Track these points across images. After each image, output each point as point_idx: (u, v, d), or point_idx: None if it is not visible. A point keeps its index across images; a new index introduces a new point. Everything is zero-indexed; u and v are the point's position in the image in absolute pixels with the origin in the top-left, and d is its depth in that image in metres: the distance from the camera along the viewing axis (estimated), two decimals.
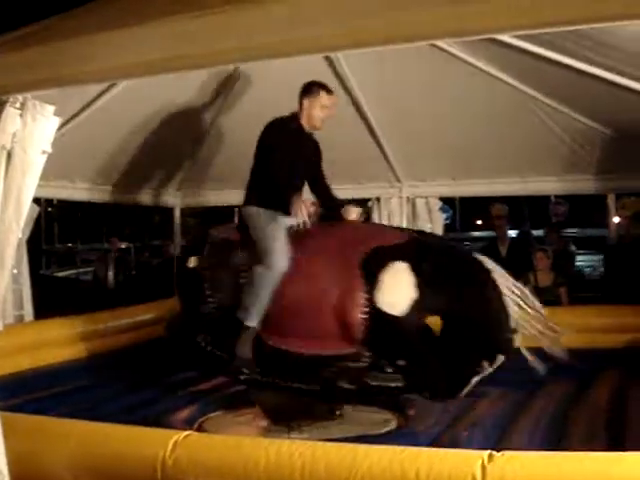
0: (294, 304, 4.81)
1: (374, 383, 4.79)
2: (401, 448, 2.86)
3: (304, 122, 5.16)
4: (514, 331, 4.71)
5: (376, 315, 4.64)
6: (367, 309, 4.64)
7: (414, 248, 4.83)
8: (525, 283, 7.67)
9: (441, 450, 2.79)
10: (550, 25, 2.53)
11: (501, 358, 4.74)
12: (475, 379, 4.76)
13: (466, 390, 4.78)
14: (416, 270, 4.67)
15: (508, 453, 2.63)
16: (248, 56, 2.93)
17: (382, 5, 2.57)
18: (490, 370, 4.74)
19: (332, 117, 5.18)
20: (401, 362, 4.76)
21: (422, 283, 4.65)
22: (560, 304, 7.61)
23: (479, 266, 4.80)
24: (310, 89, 5.14)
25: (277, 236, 4.90)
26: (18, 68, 3.04)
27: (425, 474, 2.58)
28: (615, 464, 2.54)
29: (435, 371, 4.75)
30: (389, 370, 4.78)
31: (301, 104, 5.13)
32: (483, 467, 2.53)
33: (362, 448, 2.85)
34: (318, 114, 5.12)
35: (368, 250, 4.78)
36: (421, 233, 5.71)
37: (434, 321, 4.99)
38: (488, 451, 2.62)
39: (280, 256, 4.81)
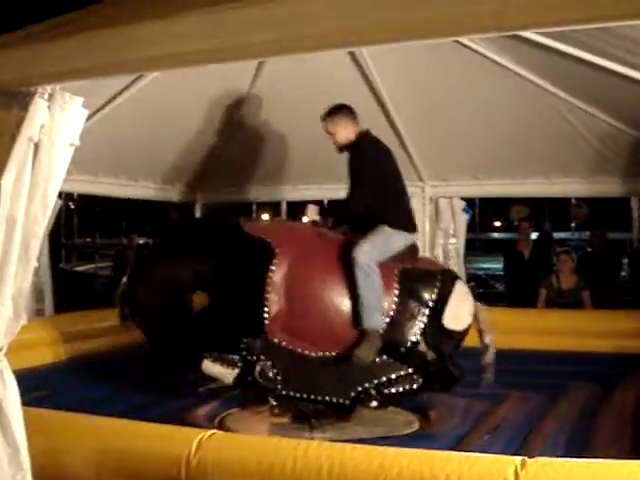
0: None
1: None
2: (431, 452, 2.80)
3: None
4: None
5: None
6: None
7: None
8: (548, 285, 7.66)
9: (472, 455, 2.74)
10: (580, 22, 2.48)
11: None
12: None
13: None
14: None
15: (541, 459, 2.57)
16: (277, 50, 2.89)
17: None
18: None
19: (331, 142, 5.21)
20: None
21: None
22: (582, 307, 7.56)
23: None
24: None
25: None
26: (47, 59, 3.01)
27: (456, 479, 2.53)
28: None
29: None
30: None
31: None
32: (516, 473, 2.48)
33: (391, 451, 2.80)
34: None
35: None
36: None
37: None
38: (521, 457, 2.57)
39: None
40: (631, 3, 2.31)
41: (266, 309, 4.70)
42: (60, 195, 8.16)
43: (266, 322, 4.69)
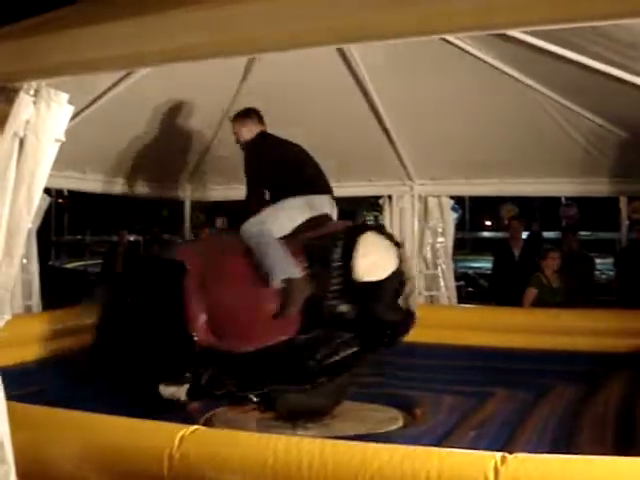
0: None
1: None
2: (412, 447, 2.82)
3: None
4: None
5: None
6: None
7: None
8: (538, 284, 7.67)
9: (453, 450, 2.76)
10: (566, 21, 2.50)
11: None
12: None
13: None
14: None
15: (521, 455, 2.59)
16: (265, 47, 2.90)
17: None
18: None
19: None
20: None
21: None
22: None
23: None
24: None
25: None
26: (33, 54, 3.01)
27: (436, 474, 2.54)
28: (628, 469, 2.49)
29: None
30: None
31: None
32: (496, 469, 2.49)
33: (372, 447, 2.81)
34: None
35: None
36: None
37: None
38: (501, 453, 2.58)
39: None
40: (616, 2, 2.33)
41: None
42: (50, 192, 8.17)
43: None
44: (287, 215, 5.07)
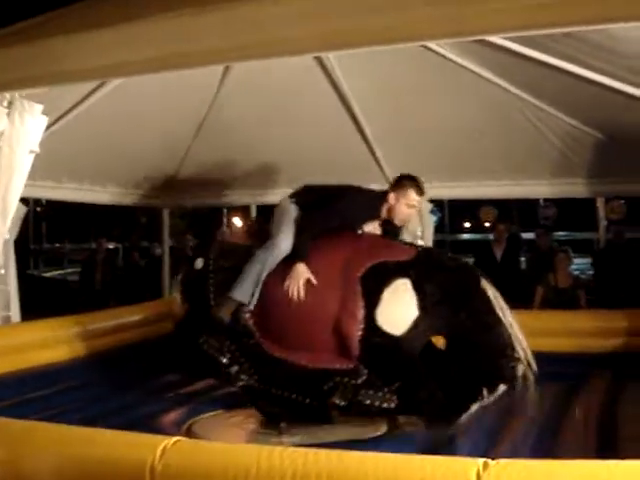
0: (295, 315, 4.72)
1: (367, 402, 4.61)
2: (393, 455, 2.80)
3: (384, 212, 4.98)
4: (518, 359, 4.62)
5: (374, 332, 4.51)
6: (365, 326, 4.51)
7: (419, 265, 4.65)
8: (546, 284, 7.71)
9: (435, 457, 2.74)
10: (543, 27, 2.51)
11: (502, 387, 4.62)
12: (475, 407, 4.57)
13: (465, 417, 4.55)
14: (418, 288, 4.52)
15: (503, 461, 2.58)
16: (241, 55, 2.90)
17: (377, 5, 2.54)
18: (490, 399, 4.59)
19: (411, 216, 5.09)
20: (397, 383, 4.57)
21: (424, 302, 4.51)
22: (578, 306, 7.59)
23: (483, 288, 4.64)
24: (401, 184, 4.97)
25: (289, 225, 4.82)
26: (6, 66, 2.99)
27: None
28: (610, 472, 2.50)
29: (432, 395, 4.58)
30: (384, 390, 4.59)
31: (388, 195, 4.95)
32: (478, 475, 2.49)
33: (354, 455, 2.80)
34: (401, 210, 4.96)
35: (370, 265, 4.64)
36: (428, 250, 5.44)
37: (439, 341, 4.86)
38: (483, 459, 2.58)
39: (283, 238, 4.74)
40: (591, 7, 2.34)
41: None
42: (27, 201, 8.12)
43: None
44: None
